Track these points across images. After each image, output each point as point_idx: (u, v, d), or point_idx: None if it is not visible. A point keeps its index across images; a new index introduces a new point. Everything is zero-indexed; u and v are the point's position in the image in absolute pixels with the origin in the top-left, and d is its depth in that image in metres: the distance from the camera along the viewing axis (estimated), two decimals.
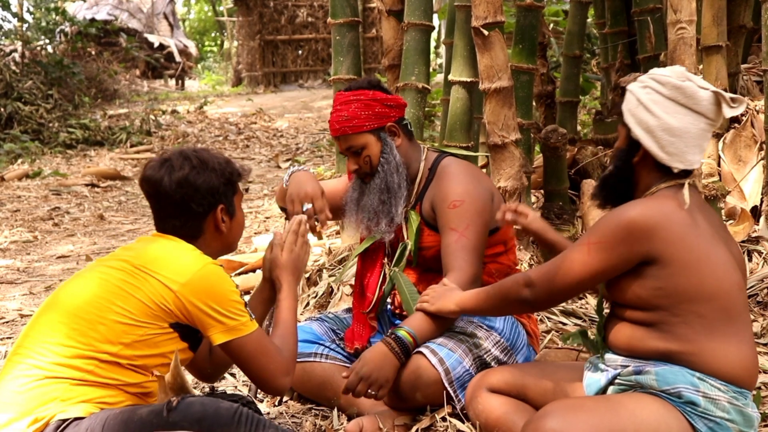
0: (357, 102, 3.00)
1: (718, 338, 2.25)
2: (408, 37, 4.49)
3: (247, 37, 20.98)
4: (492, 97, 3.78)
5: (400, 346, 2.81)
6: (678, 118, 2.31)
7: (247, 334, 2.39)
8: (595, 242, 2.32)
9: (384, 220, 3.05)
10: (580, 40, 5.74)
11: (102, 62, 18.86)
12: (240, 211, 2.60)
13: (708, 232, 2.32)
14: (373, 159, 3.03)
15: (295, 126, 14.12)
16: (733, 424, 2.23)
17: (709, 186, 3.88)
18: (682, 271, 2.25)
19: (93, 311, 2.30)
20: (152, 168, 2.47)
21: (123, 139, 13.02)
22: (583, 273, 2.35)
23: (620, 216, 2.29)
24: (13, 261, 6.34)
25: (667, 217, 2.26)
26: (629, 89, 2.41)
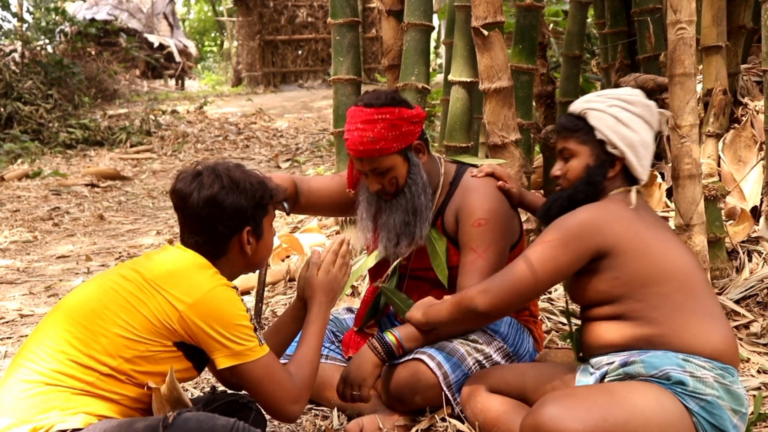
0: (383, 122, 2.82)
1: (688, 315, 2.36)
2: (408, 37, 4.49)
3: (247, 37, 20.97)
4: (492, 98, 3.77)
5: (382, 346, 2.82)
6: (647, 133, 2.55)
7: (253, 360, 2.32)
8: (549, 240, 2.44)
9: (405, 242, 2.94)
10: (579, 40, 5.73)
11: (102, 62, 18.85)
12: (269, 232, 2.53)
13: (656, 224, 2.50)
14: (399, 180, 2.90)
15: (295, 126, 14.11)
16: (722, 401, 2.28)
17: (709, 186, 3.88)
18: (634, 256, 2.39)
19: (97, 321, 2.27)
20: (183, 181, 2.42)
21: (123, 139, 13.02)
22: (539, 272, 2.45)
23: (571, 217, 2.45)
24: (13, 261, 6.34)
25: (613, 213, 2.45)
26: (593, 109, 2.54)
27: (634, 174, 2.55)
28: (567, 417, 2.19)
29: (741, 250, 4.00)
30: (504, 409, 2.63)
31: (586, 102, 2.58)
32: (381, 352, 2.82)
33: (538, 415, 2.22)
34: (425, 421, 2.84)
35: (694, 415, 2.25)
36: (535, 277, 2.46)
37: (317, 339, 2.54)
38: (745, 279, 3.77)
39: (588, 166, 2.53)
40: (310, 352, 2.51)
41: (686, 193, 3.26)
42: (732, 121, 4.72)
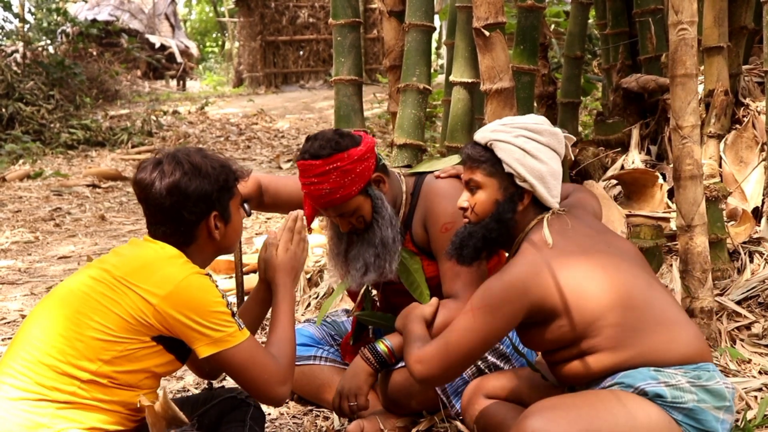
0: (335, 171, 2.77)
1: (647, 332, 2.32)
2: (409, 37, 4.49)
3: (249, 37, 20.99)
4: (493, 98, 3.75)
5: (374, 356, 2.85)
6: (556, 162, 2.52)
7: (234, 345, 2.27)
8: (479, 307, 2.38)
9: (372, 273, 2.91)
10: (581, 41, 5.72)
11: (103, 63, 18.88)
12: (237, 215, 2.47)
13: (580, 250, 2.43)
14: (366, 216, 2.87)
15: (297, 127, 14.12)
16: (704, 404, 2.26)
17: (711, 187, 3.88)
18: (571, 300, 2.33)
19: (71, 327, 2.20)
20: (144, 171, 2.35)
21: (124, 139, 13.03)
22: (473, 339, 2.40)
23: (499, 279, 2.39)
24: (14, 261, 6.35)
25: (535, 266, 2.37)
26: (499, 140, 2.48)
27: (545, 204, 2.51)
28: (550, 429, 2.17)
29: (742, 251, 4.00)
30: (502, 414, 2.63)
31: (492, 132, 2.51)
32: (373, 362, 2.85)
33: (521, 427, 2.20)
34: (425, 422, 2.87)
35: (680, 423, 2.23)
36: (470, 346, 2.40)
37: (290, 317, 2.50)
38: (747, 280, 3.77)
39: (497, 201, 2.49)
40: (286, 332, 2.46)
41: (688, 194, 3.26)
42: (733, 122, 4.72)
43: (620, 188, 4.70)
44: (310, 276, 4.67)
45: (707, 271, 3.28)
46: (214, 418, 2.53)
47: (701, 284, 3.26)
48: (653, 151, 4.97)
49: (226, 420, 2.53)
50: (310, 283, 4.63)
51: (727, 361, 3.21)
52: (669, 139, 4.64)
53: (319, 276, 4.65)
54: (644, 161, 4.87)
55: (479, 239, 2.52)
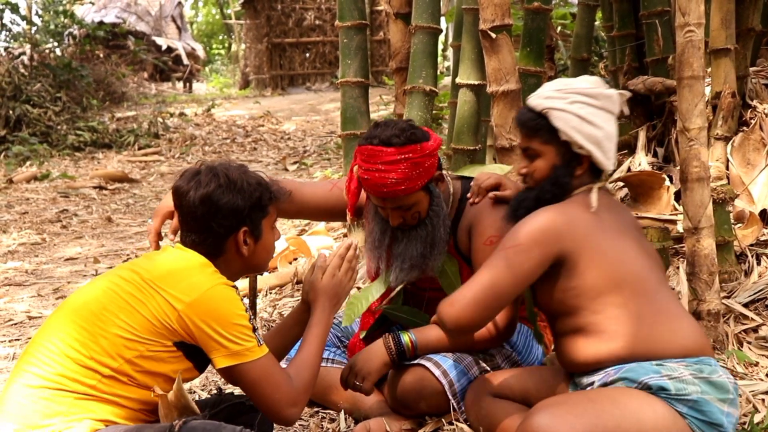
0: (406, 161, 2.69)
1: (649, 322, 2.34)
2: (415, 40, 4.49)
3: (255, 39, 21.02)
4: (500, 100, 3.76)
5: (395, 345, 2.81)
6: (611, 124, 2.50)
7: (251, 360, 2.30)
8: (511, 246, 2.40)
9: (415, 272, 2.87)
10: (587, 43, 5.72)
11: (110, 65, 18.89)
12: (269, 234, 2.48)
13: (614, 227, 2.46)
14: (422, 213, 2.81)
15: (303, 129, 14.13)
16: (708, 396, 2.26)
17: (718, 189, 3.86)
18: (589, 264, 2.36)
19: (97, 323, 2.25)
20: (183, 179, 2.41)
21: (131, 141, 13.06)
22: (503, 279, 2.40)
23: (533, 220, 2.41)
24: (21, 263, 6.37)
25: (571, 218, 2.40)
26: (555, 107, 2.46)
27: (601, 167, 2.51)
28: (557, 425, 2.17)
29: (750, 253, 3.99)
30: (508, 413, 2.63)
31: (547, 99, 2.49)
32: (393, 351, 2.81)
33: (528, 424, 2.20)
34: (431, 424, 2.85)
35: (685, 416, 2.24)
36: (500, 286, 2.41)
37: (319, 343, 2.51)
38: (754, 282, 3.75)
39: (554, 166, 2.49)
40: (311, 356, 2.47)
41: (695, 197, 3.25)
42: (740, 124, 4.70)
43: (627, 190, 4.69)
44: None
45: (714, 274, 3.27)
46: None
47: (708, 287, 3.25)
48: (660, 154, 4.96)
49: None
50: None
51: (735, 364, 3.20)
52: (676, 142, 4.63)
53: None
54: (651, 163, 4.86)
55: (532, 200, 2.52)
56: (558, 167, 2.49)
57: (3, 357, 4.20)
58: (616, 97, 2.52)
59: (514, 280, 2.40)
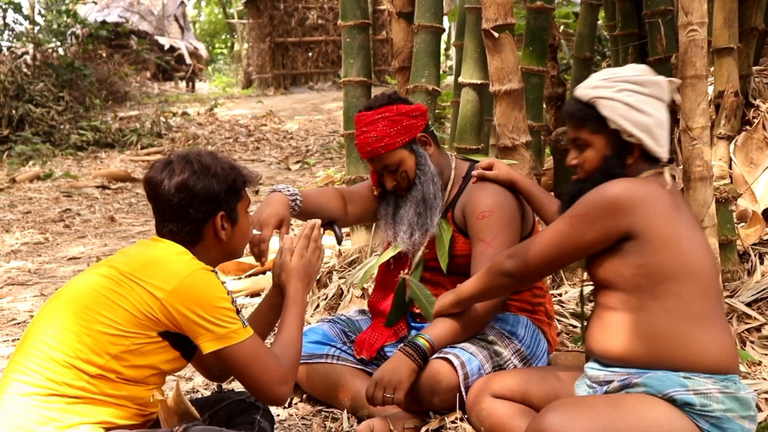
0: (383, 120, 2.97)
1: (697, 325, 2.28)
2: (418, 39, 4.49)
3: (258, 39, 21.02)
4: (502, 99, 3.76)
5: (416, 352, 2.82)
6: (661, 111, 2.45)
7: (237, 342, 2.30)
8: (578, 215, 2.37)
9: (418, 233, 3.03)
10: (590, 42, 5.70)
11: (113, 64, 18.92)
12: (244, 218, 2.50)
13: (688, 214, 2.41)
14: (409, 173, 3.02)
15: (305, 128, 14.12)
16: (731, 413, 2.23)
17: (721, 188, 3.87)
18: (665, 246, 2.29)
19: (80, 322, 2.23)
20: (154, 170, 2.40)
21: (133, 141, 13.08)
22: (563, 244, 2.40)
23: (605, 191, 2.34)
24: (24, 262, 6.36)
25: (650, 194, 2.34)
26: (602, 96, 2.43)
27: (655, 155, 2.44)
28: (570, 426, 2.15)
29: (752, 252, 3.99)
30: (509, 414, 2.61)
31: (594, 89, 2.46)
32: (417, 358, 2.81)
33: (540, 423, 2.18)
34: (435, 422, 2.84)
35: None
36: (560, 250, 2.42)
37: (298, 321, 2.53)
38: (757, 282, 3.75)
39: (605, 156, 2.44)
40: (293, 334, 2.50)
41: (697, 196, 3.25)
42: (743, 123, 4.71)
43: None
44: (319, 277, 4.66)
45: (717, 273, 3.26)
46: (223, 420, 2.54)
47: None
48: None
49: (235, 422, 2.53)
50: (319, 284, 4.62)
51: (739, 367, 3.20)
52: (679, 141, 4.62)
53: (328, 278, 4.64)
54: None
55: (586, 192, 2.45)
56: (609, 157, 2.44)
57: (6, 357, 4.18)
58: (665, 84, 2.48)
59: (575, 247, 2.39)
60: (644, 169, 2.45)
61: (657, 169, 2.45)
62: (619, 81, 2.45)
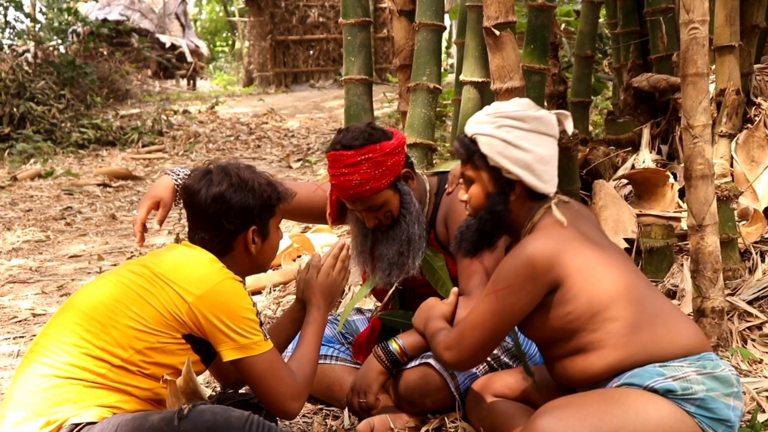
0: (366, 162, 2.79)
1: (645, 328, 2.30)
2: (419, 37, 4.48)
3: (259, 37, 20.99)
4: (503, 98, 3.70)
5: (385, 354, 2.84)
6: (543, 146, 2.44)
7: (258, 354, 2.36)
8: (501, 288, 2.36)
9: (396, 272, 2.93)
10: (591, 40, 5.70)
11: (114, 62, 18.89)
12: (275, 234, 2.58)
13: (593, 238, 2.42)
14: (394, 212, 2.89)
15: (306, 126, 14.10)
16: (714, 392, 2.24)
17: (722, 187, 3.86)
18: (582, 287, 2.31)
19: (108, 314, 2.31)
20: (193, 178, 2.48)
21: (135, 139, 13.05)
22: (497, 323, 2.39)
23: (519, 257, 2.35)
24: (25, 260, 6.37)
25: (558, 240, 2.35)
26: (481, 133, 2.44)
27: (538, 191, 2.45)
28: (560, 428, 2.16)
29: (754, 250, 3.99)
30: (509, 413, 2.63)
31: (477, 124, 2.48)
32: (385, 361, 2.84)
33: (532, 427, 2.19)
34: (435, 421, 2.85)
35: (694, 416, 2.22)
36: (494, 330, 2.41)
37: (316, 339, 2.59)
38: (758, 280, 3.75)
39: (488, 193, 2.47)
40: (310, 351, 2.56)
41: (699, 194, 3.25)
42: (745, 121, 4.69)
43: (631, 188, 4.69)
44: None
45: (718, 271, 3.26)
46: None
47: (712, 284, 3.25)
48: (664, 151, 4.95)
49: None
50: None
51: (739, 362, 3.20)
52: (680, 139, 4.62)
53: None
54: (655, 161, 4.85)
55: (474, 232, 2.51)
56: (491, 194, 2.46)
57: (7, 354, 4.21)
58: (548, 118, 2.47)
59: (509, 319, 2.39)
60: (530, 207, 2.47)
61: (545, 205, 2.45)
62: (499, 116, 2.45)
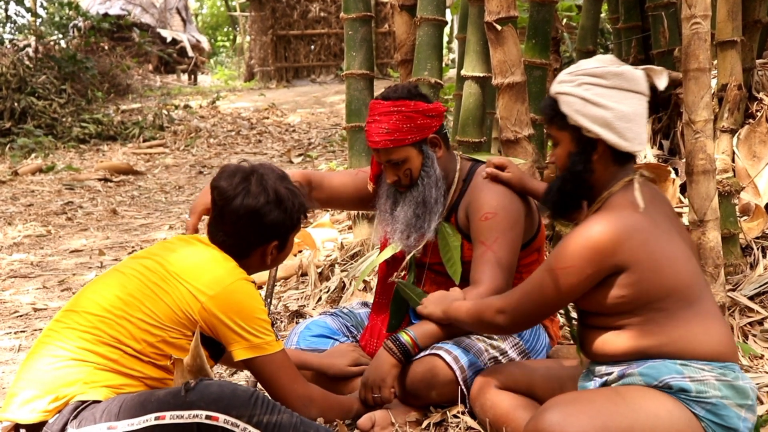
0: (398, 113, 2.88)
1: (685, 324, 2.27)
2: (421, 32, 4.47)
3: (260, 32, 20.95)
4: (505, 93, 3.76)
5: (397, 347, 2.82)
6: (627, 103, 2.36)
7: (269, 353, 2.41)
8: (563, 267, 2.32)
9: (414, 235, 2.97)
10: (593, 35, 5.68)
11: (115, 57, 18.85)
12: (291, 244, 2.62)
13: (665, 225, 2.36)
14: (413, 172, 2.94)
15: (308, 121, 14.09)
16: (728, 400, 2.22)
17: (723, 182, 3.85)
18: (646, 275, 2.27)
19: (122, 307, 2.35)
20: (228, 180, 2.48)
21: (136, 133, 13.05)
22: (554, 298, 2.37)
23: (584, 238, 2.29)
24: (26, 255, 6.37)
25: (627, 227, 2.29)
26: (562, 92, 2.39)
27: (622, 150, 2.37)
28: (568, 424, 2.14)
29: (755, 246, 3.98)
30: (513, 405, 2.62)
31: (558, 84, 2.42)
32: (397, 353, 2.82)
33: (539, 421, 2.18)
34: (437, 415, 2.84)
35: (702, 419, 2.21)
36: (549, 305, 2.41)
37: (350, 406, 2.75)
38: (759, 275, 3.75)
39: (570, 153, 2.41)
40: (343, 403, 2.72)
41: (700, 189, 3.24)
42: (746, 117, 4.68)
43: None
44: (321, 270, 4.66)
45: (720, 266, 3.26)
46: None
47: (713, 279, 3.24)
48: (666, 146, 4.95)
49: None
50: (321, 277, 4.62)
51: (740, 357, 3.20)
52: (682, 134, 4.62)
53: (330, 270, 4.64)
54: (656, 156, 4.84)
55: (555, 192, 2.46)
56: (573, 154, 2.40)
57: (8, 349, 4.21)
58: (632, 74, 2.39)
59: (564, 297, 2.37)
60: (612, 172, 2.41)
61: (627, 178, 2.40)
62: (580, 74, 2.40)
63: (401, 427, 2.80)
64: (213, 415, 2.19)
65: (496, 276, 2.80)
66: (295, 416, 2.31)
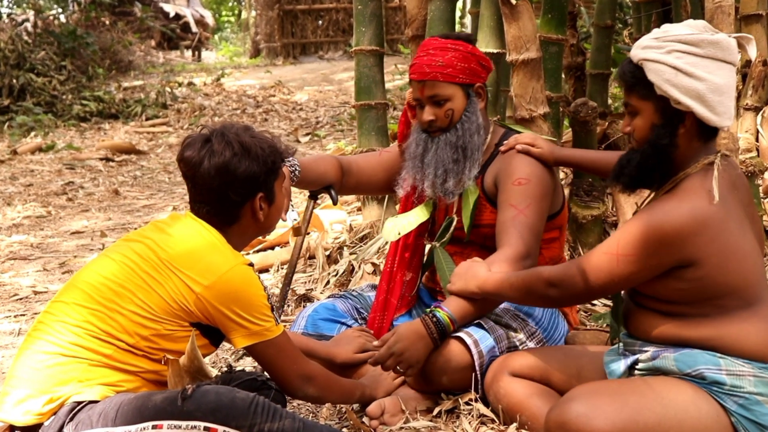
0: (455, 51, 2.89)
1: (735, 323, 2.21)
2: (432, 6, 4.39)
3: (266, 6, 20.84)
4: (520, 69, 3.68)
5: (438, 330, 2.71)
6: (720, 74, 2.22)
7: (269, 339, 2.36)
8: (624, 255, 2.23)
9: (452, 180, 2.92)
10: (611, 9, 5.58)
11: (116, 32, 18.77)
12: (280, 195, 2.52)
13: (738, 216, 2.25)
14: (455, 114, 2.92)
15: (315, 99, 14.04)
16: (762, 397, 2.16)
17: (747, 162, 3.84)
18: (712, 272, 2.19)
19: (114, 298, 2.28)
20: (192, 148, 2.39)
21: (138, 111, 13.01)
22: (608, 283, 2.31)
23: (651, 227, 2.19)
24: (26, 236, 6.39)
25: (699, 220, 2.18)
26: (649, 58, 2.24)
27: (711, 124, 2.24)
28: (595, 416, 2.11)
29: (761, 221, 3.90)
30: (527, 393, 2.57)
31: (643, 49, 2.27)
32: (434, 333, 2.71)
33: (564, 411, 2.15)
34: (449, 402, 2.79)
35: (733, 414, 2.15)
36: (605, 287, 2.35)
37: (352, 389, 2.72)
38: None
39: (653, 125, 2.26)
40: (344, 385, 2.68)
41: None
42: None
43: None
44: (330, 253, 4.60)
45: None
46: None
47: None
48: None
49: None
50: (330, 260, 4.57)
51: None
52: None
53: (339, 253, 4.58)
54: None
55: (634, 167, 2.32)
56: (657, 126, 2.26)
57: (8, 332, 4.20)
58: (727, 43, 2.24)
59: (623, 283, 2.32)
60: (695, 148, 2.28)
61: (706, 160, 2.27)
62: (669, 41, 2.24)
63: (411, 415, 2.76)
64: (212, 427, 2.16)
65: (527, 240, 2.75)
66: (297, 421, 2.26)
